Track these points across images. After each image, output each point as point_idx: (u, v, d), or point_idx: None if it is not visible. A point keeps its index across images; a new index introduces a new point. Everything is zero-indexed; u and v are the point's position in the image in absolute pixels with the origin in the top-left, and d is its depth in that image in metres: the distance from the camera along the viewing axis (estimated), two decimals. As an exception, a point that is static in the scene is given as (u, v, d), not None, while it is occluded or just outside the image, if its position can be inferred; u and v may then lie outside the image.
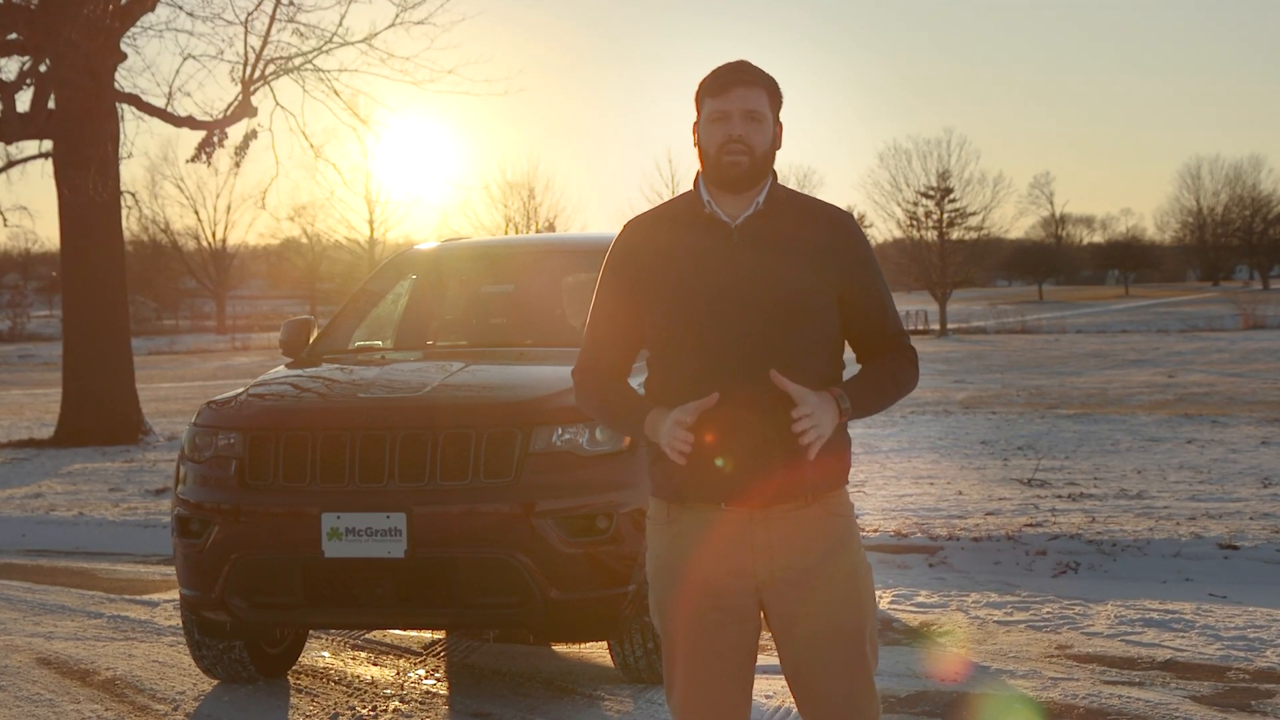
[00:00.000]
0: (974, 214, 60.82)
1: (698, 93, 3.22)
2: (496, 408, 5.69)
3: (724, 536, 3.18)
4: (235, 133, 18.97)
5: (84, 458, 16.02)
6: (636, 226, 3.31)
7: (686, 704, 3.26)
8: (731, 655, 3.23)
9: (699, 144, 3.21)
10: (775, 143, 3.21)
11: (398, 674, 6.48)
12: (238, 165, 19.62)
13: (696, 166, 3.26)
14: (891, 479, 11.77)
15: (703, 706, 3.25)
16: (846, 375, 3.32)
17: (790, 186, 3.34)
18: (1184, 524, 9.09)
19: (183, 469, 6.05)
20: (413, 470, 5.55)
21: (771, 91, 3.20)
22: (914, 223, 60.61)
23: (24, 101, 18.06)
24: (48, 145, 18.38)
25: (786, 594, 3.19)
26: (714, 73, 3.20)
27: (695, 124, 3.23)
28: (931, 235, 59.91)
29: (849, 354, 3.34)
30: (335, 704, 5.98)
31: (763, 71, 3.21)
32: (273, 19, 18.28)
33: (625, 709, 5.81)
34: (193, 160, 18.76)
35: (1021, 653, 6.51)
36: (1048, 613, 7.22)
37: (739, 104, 3.14)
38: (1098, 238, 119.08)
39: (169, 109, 18.62)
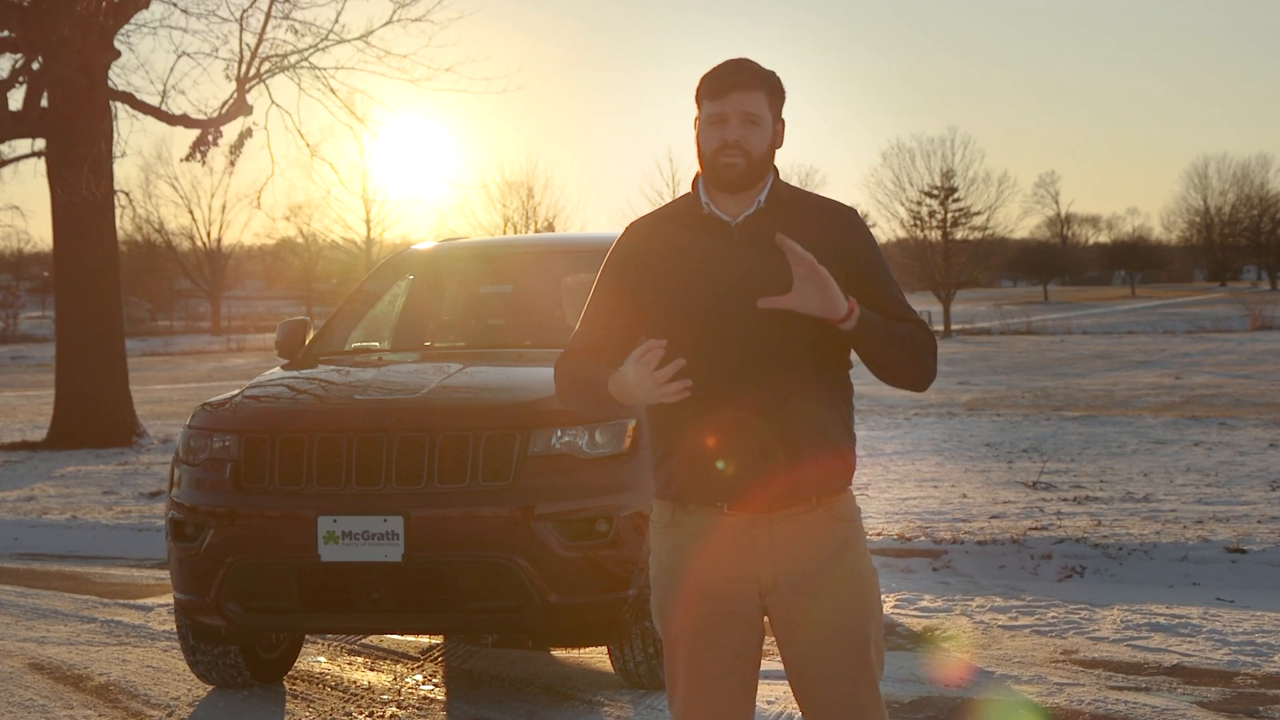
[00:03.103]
0: (978, 213, 60.79)
1: (698, 90, 3.18)
2: (495, 410, 5.65)
3: (726, 540, 3.15)
4: (230, 131, 18.91)
5: (77, 460, 15.98)
6: (638, 228, 3.28)
7: (688, 709, 3.22)
8: (734, 660, 3.19)
9: (698, 144, 3.18)
10: (775, 142, 3.18)
11: (395, 679, 6.43)
12: (233, 164, 19.60)
13: (696, 166, 3.23)
14: (895, 482, 11.74)
15: (705, 712, 3.21)
16: (852, 375, 3.26)
17: (793, 184, 3.28)
18: (1191, 527, 9.04)
19: (177, 472, 6.02)
20: (410, 473, 5.52)
21: (771, 91, 3.15)
22: (917, 222, 60.57)
23: (16, 100, 18.04)
24: (41, 144, 18.37)
25: (790, 598, 3.15)
26: (713, 73, 3.16)
27: (696, 119, 3.20)
28: (935, 235, 59.86)
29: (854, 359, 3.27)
30: (332, 709, 5.94)
31: (762, 71, 3.16)
32: (268, 16, 18.26)
33: (625, 714, 5.77)
34: (187, 159, 18.72)
35: (1026, 657, 6.47)
36: (1053, 617, 7.17)
37: (736, 107, 3.10)
38: (1103, 238, 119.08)
39: (163, 107, 18.60)
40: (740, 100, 3.10)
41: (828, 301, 2.99)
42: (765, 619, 3.22)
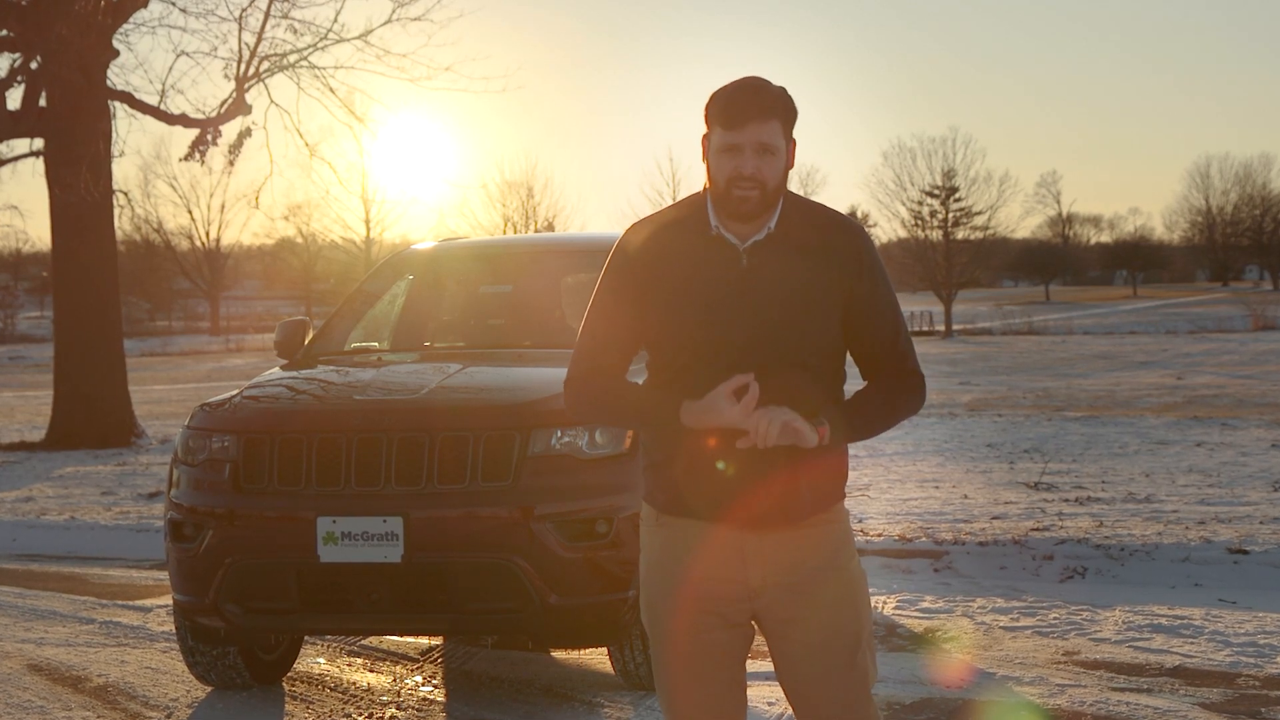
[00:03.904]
0: (980, 213, 60.78)
1: (708, 111, 3.09)
2: (494, 410, 5.63)
3: (717, 542, 3.13)
4: (229, 131, 18.87)
5: (76, 461, 15.96)
6: (641, 229, 3.23)
7: (680, 707, 3.21)
8: (723, 659, 3.18)
9: (708, 167, 3.12)
10: (788, 164, 3.11)
11: (394, 680, 6.41)
12: (232, 164, 19.59)
13: (699, 166, 3.19)
14: (896, 483, 11.70)
15: (699, 711, 3.19)
16: (846, 389, 3.25)
17: (794, 188, 3.25)
18: (1193, 528, 9.01)
19: (176, 472, 5.99)
20: (409, 473, 5.50)
21: (785, 117, 3.08)
22: (919, 222, 60.56)
23: (15, 99, 17.98)
24: (39, 144, 18.31)
25: (782, 600, 3.14)
26: (727, 98, 3.06)
27: (704, 138, 3.12)
28: (936, 235, 59.84)
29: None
30: (331, 711, 5.91)
31: (777, 96, 3.07)
32: (267, 15, 18.23)
33: (625, 716, 5.75)
34: (186, 159, 18.68)
35: (1028, 659, 6.45)
36: (1055, 618, 7.15)
37: (752, 138, 3.03)
38: (1105, 237, 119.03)
39: (162, 107, 18.56)
40: (756, 132, 3.03)
41: (798, 441, 3.00)
42: (755, 622, 3.20)
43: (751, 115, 3.03)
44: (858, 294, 3.15)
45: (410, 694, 6.16)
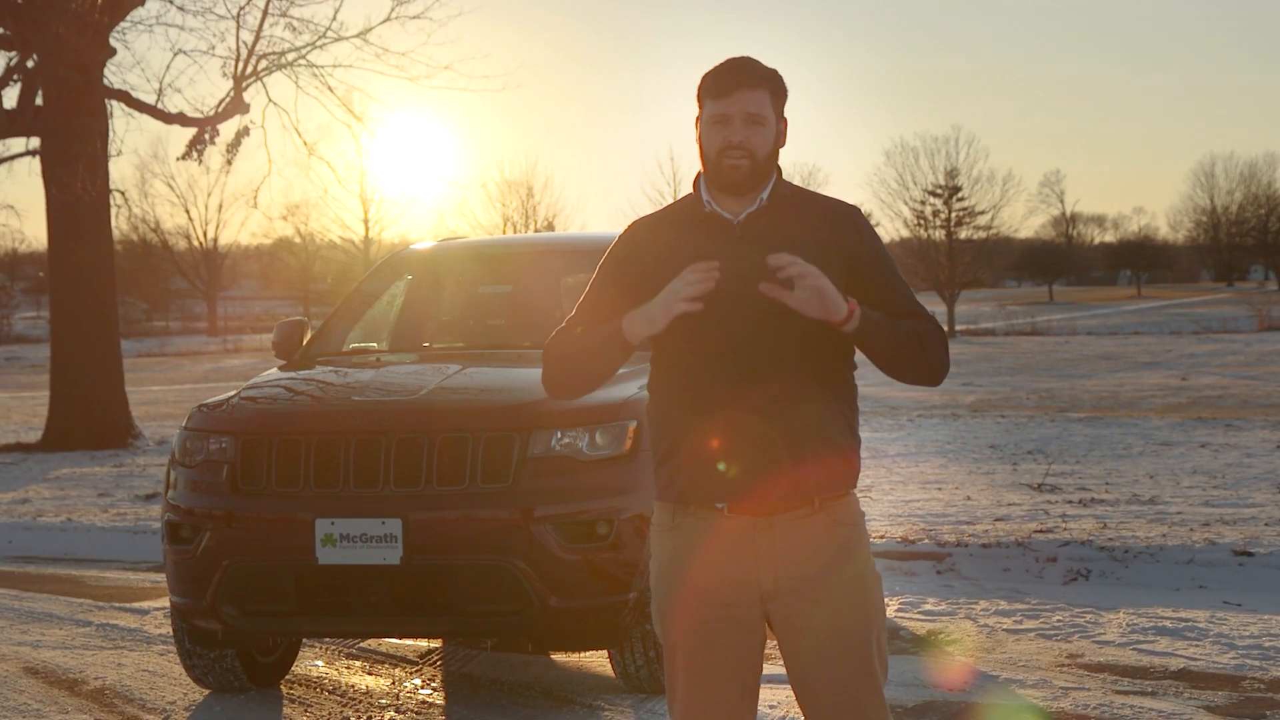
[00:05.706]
0: (983, 213, 60.72)
1: (699, 89, 3.16)
2: (494, 411, 5.61)
3: (727, 543, 3.12)
4: (227, 130, 18.86)
5: (72, 462, 15.94)
6: (640, 227, 3.26)
7: (689, 715, 3.19)
8: (735, 665, 3.16)
9: (700, 145, 3.16)
10: (779, 141, 3.17)
11: (393, 683, 6.39)
12: (229, 163, 19.56)
13: (698, 165, 3.22)
14: (898, 484, 11.68)
15: (706, 718, 3.17)
16: (857, 376, 3.23)
17: (795, 183, 3.25)
18: (1197, 530, 8.97)
19: (173, 474, 5.99)
20: (408, 475, 5.49)
21: (775, 90, 3.14)
22: (921, 222, 60.51)
23: (11, 98, 17.96)
24: (35, 143, 18.28)
25: (791, 603, 3.13)
26: (716, 72, 3.14)
27: (697, 119, 3.18)
28: (939, 235, 59.80)
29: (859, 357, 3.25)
30: (329, 714, 5.90)
31: (765, 70, 3.15)
32: (265, 13, 18.22)
33: (626, 719, 5.69)
34: (184, 158, 18.65)
35: (1031, 661, 6.43)
36: (1058, 621, 7.12)
37: (740, 107, 3.09)
38: (1109, 237, 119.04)
39: (159, 105, 18.54)
40: (744, 100, 3.09)
41: (826, 305, 2.97)
42: (767, 624, 3.19)
43: (739, 83, 3.10)
44: (860, 281, 3.15)
45: (409, 697, 6.14)
